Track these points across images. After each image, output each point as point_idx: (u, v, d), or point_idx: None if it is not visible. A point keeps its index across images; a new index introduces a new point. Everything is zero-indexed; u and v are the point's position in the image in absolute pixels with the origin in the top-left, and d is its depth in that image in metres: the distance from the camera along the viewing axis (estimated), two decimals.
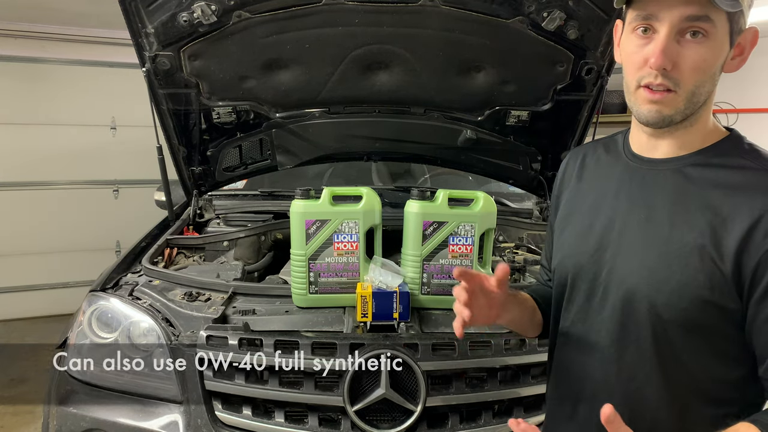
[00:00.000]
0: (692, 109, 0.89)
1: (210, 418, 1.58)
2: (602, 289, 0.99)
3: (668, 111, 0.88)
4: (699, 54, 0.84)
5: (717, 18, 0.83)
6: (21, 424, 3.22)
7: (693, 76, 0.85)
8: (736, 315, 0.86)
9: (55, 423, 1.69)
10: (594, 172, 1.08)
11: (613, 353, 0.97)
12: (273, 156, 2.57)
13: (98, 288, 1.86)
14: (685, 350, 0.90)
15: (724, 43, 0.85)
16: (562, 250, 1.10)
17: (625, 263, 0.95)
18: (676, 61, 0.84)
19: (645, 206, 0.94)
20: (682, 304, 0.87)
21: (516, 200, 3.02)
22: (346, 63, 2.16)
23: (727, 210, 0.85)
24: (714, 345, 0.89)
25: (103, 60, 4.77)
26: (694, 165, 0.90)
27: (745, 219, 0.82)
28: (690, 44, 0.84)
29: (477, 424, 1.58)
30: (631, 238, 0.95)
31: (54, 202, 4.86)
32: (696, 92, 0.87)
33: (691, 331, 0.88)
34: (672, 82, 0.86)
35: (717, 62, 0.86)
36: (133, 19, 1.94)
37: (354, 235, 1.72)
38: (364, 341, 1.56)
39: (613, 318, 0.97)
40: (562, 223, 1.11)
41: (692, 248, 0.86)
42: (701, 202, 0.87)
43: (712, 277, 0.85)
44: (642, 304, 0.92)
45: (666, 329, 0.90)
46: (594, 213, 1.02)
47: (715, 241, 0.84)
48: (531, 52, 2.11)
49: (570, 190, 1.12)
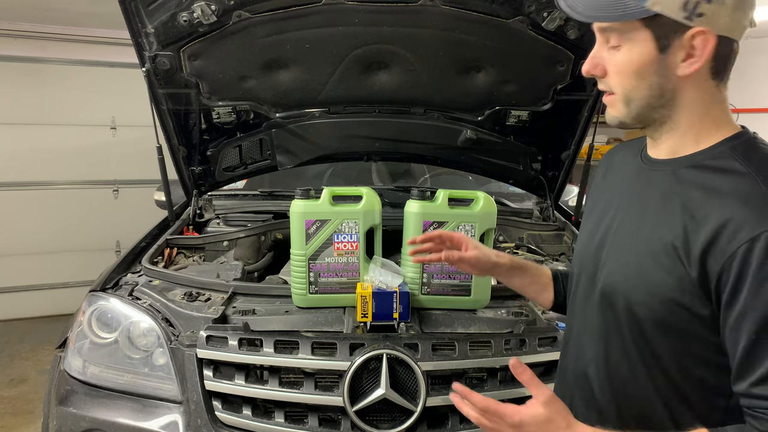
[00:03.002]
0: (638, 113, 0.90)
1: (210, 418, 1.57)
2: (598, 287, 1.00)
3: (615, 113, 0.93)
4: (616, 59, 0.89)
5: (626, 26, 0.85)
6: (21, 424, 3.22)
7: (618, 80, 0.90)
8: (706, 319, 0.84)
9: (55, 423, 1.69)
10: (616, 170, 1.09)
11: (601, 349, 0.99)
12: (273, 156, 2.57)
13: (98, 288, 1.86)
14: (663, 351, 0.90)
15: (647, 48, 0.85)
16: (576, 246, 1.16)
17: (613, 261, 0.97)
18: (605, 67, 0.91)
19: (641, 206, 0.95)
20: (655, 305, 0.88)
21: (516, 200, 3.02)
22: (346, 63, 2.16)
23: (700, 212, 0.83)
24: (691, 348, 0.88)
25: (103, 60, 4.75)
26: (688, 167, 0.90)
27: (713, 222, 0.80)
28: (611, 51, 0.90)
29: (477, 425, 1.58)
30: (623, 238, 0.96)
31: (54, 202, 4.85)
32: (630, 96, 0.89)
33: (667, 332, 0.88)
34: (606, 86, 0.93)
35: (642, 66, 0.86)
36: (133, 19, 1.94)
37: (354, 235, 1.72)
38: (364, 341, 1.56)
39: (600, 315, 0.99)
40: (584, 220, 1.15)
41: (667, 249, 0.86)
42: (681, 203, 0.86)
43: (681, 279, 0.84)
44: (620, 301, 0.94)
45: (642, 328, 0.91)
46: (604, 211, 1.04)
47: (685, 243, 0.83)
48: (531, 51, 2.11)
49: (595, 187, 1.16)
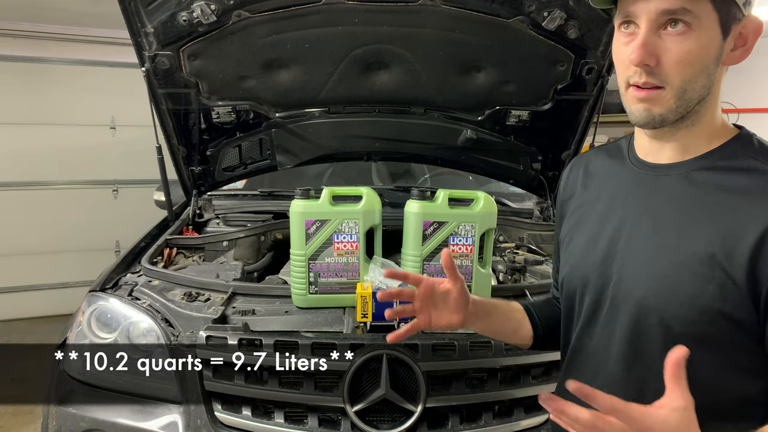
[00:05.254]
0: (686, 107, 0.83)
1: (209, 419, 1.57)
2: (609, 302, 0.94)
3: (658, 109, 0.83)
4: (682, 47, 0.79)
5: (699, 8, 0.78)
6: (21, 424, 3.22)
7: (679, 70, 0.80)
8: (751, 327, 0.80)
9: (55, 423, 1.69)
10: (600, 180, 1.03)
11: (621, 370, 0.92)
12: (273, 156, 2.56)
13: (98, 288, 1.86)
14: (699, 366, 0.82)
15: (713, 33, 0.79)
16: (569, 262, 1.04)
17: (632, 274, 0.90)
18: (659, 56, 0.80)
19: (652, 214, 0.89)
20: (693, 317, 0.82)
21: (516, 200, 3.01)
22: (346, 63, 2.15)
23: (736, 216, 0.79)
24: (729, 359, 0.84)
25: (103, 60, 4.75)
26: (700, 169, 0.85)
27: (758, 225, 0.77)
28: (672, 37, 0.80)
29: (477, 425, 1.58)
30: (639, 248, 0.90)
31: (54, 202, 4.84)
32: (687, 88, 0.81)
33: (704, 345, 0.83)
34: (658, 78, 0.82)
35: (707, 54, 0.81)
36: (133, 19, 1.94)
37: (354, 235, 1.72)
38: (364, 341, 1.56)
39: (621, 332, 0.91)
40: (569, 234, 1.06)
41: (701, 257, 0.81)
42: (708, 208, 0.82)
43: (723, 287, 0.80)
44: (651, 317, 0.86)
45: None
46: (601, 223, 0.98)
47: (726, 250, 0.79)
48: (531, 51, 2.11)
49: (575, 200, 1.07)
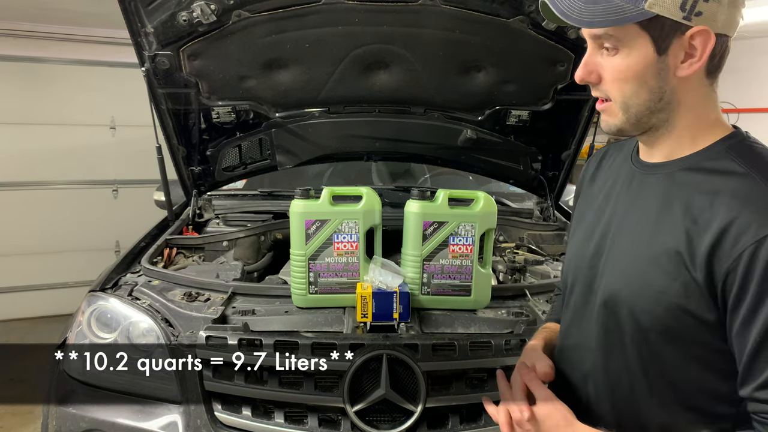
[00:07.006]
0: (637, 118, 0.87)
1: (209, 419, 1.57)
2: (594, 296, 0.97)
3: (613, 120, 0.90)
4: (614, 65, 0.86)
5: (623, 32, 0.82)
6: (21, 424, 3.22)
7: (617, 86, 0.87)
8: (715, 325, 0.82)
9: (55, 423, 1.69)
10: (605, 174, 1.06)
11: (601, 361, 0.96)
12: (273, 156, 2.56)
13: (97, 288, 1.86)
14: (668, 360, 0.88)
15: (645, 52, 0.83)
16: (568, 254, 1.10)
17: (612, 268, 0.94)
18: (600, 73, 0.88)
19: (637, 211, 0.92)
20: (660, 312, 0.85)
21: (516, 200, 3.02)
22: (346, 63, 2.15)
23: (702, 215, 0.81)
24: (698, 356, 0.86)
25: (103, 60, 4.75)
26: (684, 169, 0.88)
27: (717, 225, 0.79)
28: (607, 57, 0.86)
29: (477, 425, 1.58)
30: (621, 244, 0.93)
31: (54, 202, 4.85)
32: (629, 102, 0.87)
33: (672, 340, 0.86)
34: (603, 93, 0.89)
35: (641, 71, 0.84)
36: (133, 19, 1.94)
37: (354, 235, 1.72)
38: (364, 341, 1.56)
39: (598, 323, 0.95)
40: (574, 226, 1.11)
41: (670, 255, 0.84)
42: (682, 207, 0.85)
43: (687, 285, 0.82)
44: (623, 309, 0.90)
45: (647, 337, 0.88)
46: (597, 217, 1.01)
47: (689, 248, 0.82)
48: (531, 51, 2.11)
49: (584, 193, 1.11)
